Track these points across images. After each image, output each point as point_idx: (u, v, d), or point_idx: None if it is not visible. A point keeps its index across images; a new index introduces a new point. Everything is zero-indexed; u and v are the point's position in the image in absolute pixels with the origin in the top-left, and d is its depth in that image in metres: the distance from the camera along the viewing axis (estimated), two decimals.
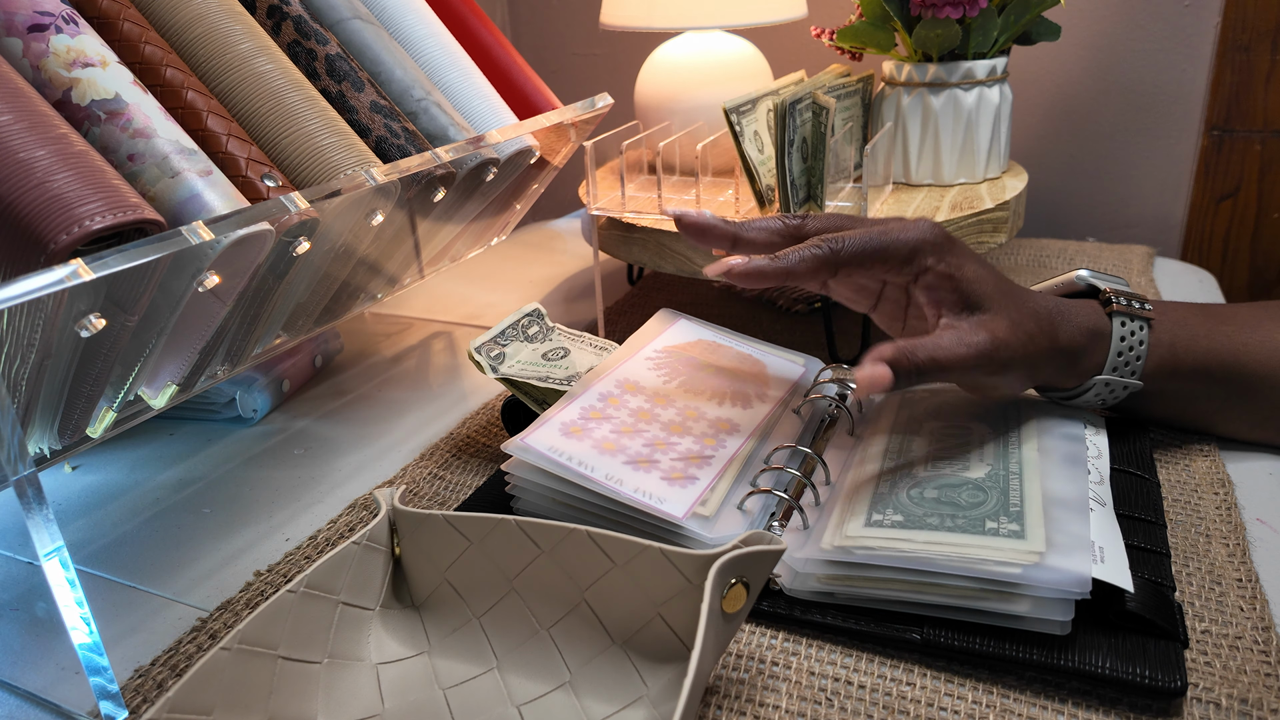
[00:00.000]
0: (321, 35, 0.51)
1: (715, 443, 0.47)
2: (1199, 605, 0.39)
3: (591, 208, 0.70)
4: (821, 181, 0.63)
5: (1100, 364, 0.47)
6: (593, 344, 0.59)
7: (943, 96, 0.71)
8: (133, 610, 0.45)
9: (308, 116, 0.47)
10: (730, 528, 0.42)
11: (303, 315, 0.56)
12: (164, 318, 0.40)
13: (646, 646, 0.36)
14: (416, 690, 0.37)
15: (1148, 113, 0.95)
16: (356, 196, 0.47)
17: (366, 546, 0.40)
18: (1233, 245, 0.95)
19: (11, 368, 0.35)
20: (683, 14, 0.78)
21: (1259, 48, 0.88)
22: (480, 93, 0.61)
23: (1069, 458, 0.44)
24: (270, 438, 0.61)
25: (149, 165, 0.39)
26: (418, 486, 0.54)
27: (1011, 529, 0.38)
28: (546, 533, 0.38)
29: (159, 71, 0.43)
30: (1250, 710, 0.34)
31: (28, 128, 0.35)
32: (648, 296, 0.83)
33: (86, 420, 0.42)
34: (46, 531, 0.35)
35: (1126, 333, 0.47)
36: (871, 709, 0.36)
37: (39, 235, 0.33)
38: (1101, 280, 0.49)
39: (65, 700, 0.39)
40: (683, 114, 0.81)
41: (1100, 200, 1.00)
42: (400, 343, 0.77)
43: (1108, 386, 0.48)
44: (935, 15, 0.67)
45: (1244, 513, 0.46)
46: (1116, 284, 0.49)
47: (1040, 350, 0.45)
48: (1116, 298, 0.48)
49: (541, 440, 0.45)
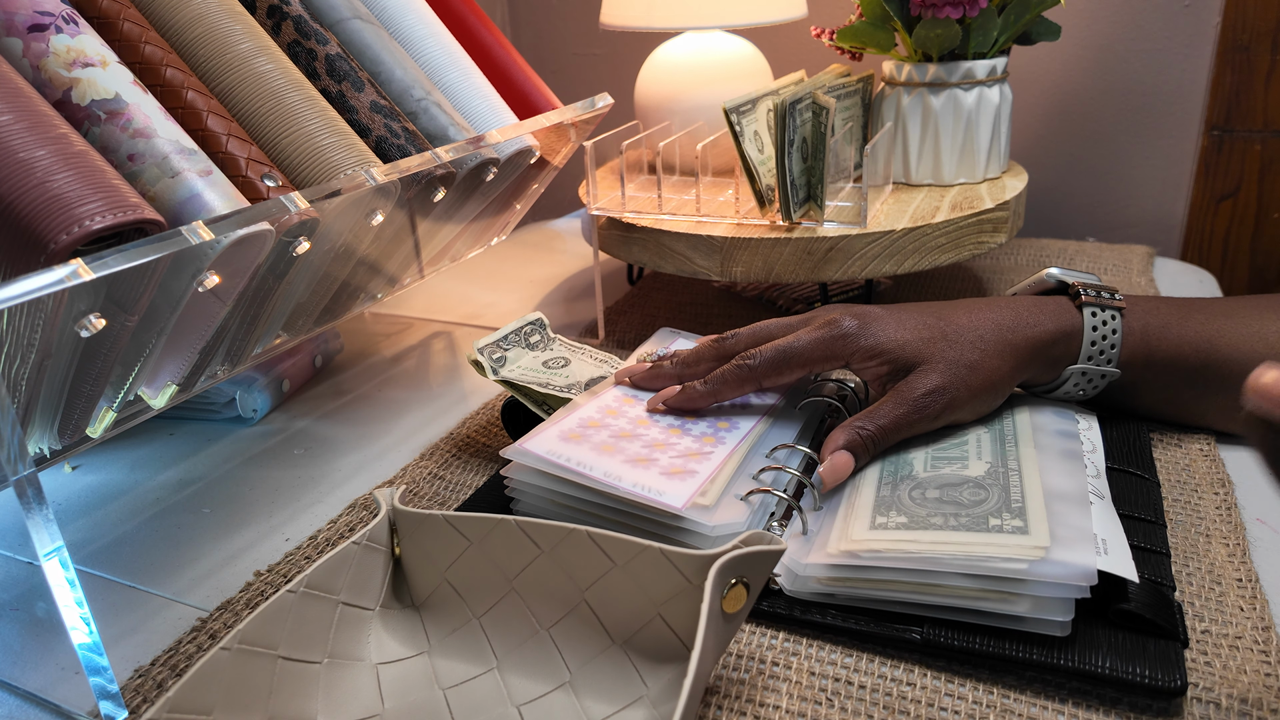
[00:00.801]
0: (321, 35, 0.51)
1: (714, 440, 0.47)
2: (1199, 605, 0.39)
3: (591, 208, 0.70)
4: (821, 181, 0.63)
5: (1075, 355, 0.49)
6: (593, 356, 0.59)
7: (943, 96, 0.71)
8: (133, 610, 0.45)
9: (308, 116, 0.47)
10: (730, 516, 0.42)
11: (303, 315, 0.56)
12: (164, 318, 0.40)
13: (646, 646, 0.36)
14: (416, 690, 0.37)
15: (1148, 113, 0.95)
16: (356, 196, 0.47)
17: (366, 546, 0.40)
18: (1233, 245, 0.95)
19: (11, 367, 0.35)
20: (683, 14, 0.78)
21: (1259, 47, 0.88)
22: (480, 93, 0.61)
23: (1066, 453, 0.44)
24: (270, 438, 0.61)
25: (149, 165, 0.39)
26: (418, 486, 0.54)
27: (1015, 525, 0.38)
28: (546, 533, 0.38)
29: (159, 71, 0.43)
30: (1250, 710, 0.34)
31: (28, 127, 0.35)
32: (648, 296, 0.83)
33: (86, 420, 0.42)
34: (46, 531, 0.35)
35: (1098, 322, 0.49)
36: (872, 709, 0.36)
37: (39, 235, 0.33)
38: (1070, 276, 0.51)
39: (65, 700, 0.39)
40: (683, 114, 0.81)
41: (1100, 200, 1.00)
42: (400, 343, 0.77)
43: (1085, 376, 0.49)
44: (935, 15, 0.67)
45: (1244, 513, 0.46)
46: (1086, 279, 0.51)
47: (992, 371, 0.47)
48: (1085, 290, 0.49)
49: (540, 445, 0.45)
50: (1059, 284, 0.52)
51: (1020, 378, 0.49)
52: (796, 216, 0.64)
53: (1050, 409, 0.49)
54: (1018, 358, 0.48)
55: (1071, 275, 0.51)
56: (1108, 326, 0.49)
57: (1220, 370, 0.49)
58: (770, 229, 0.65)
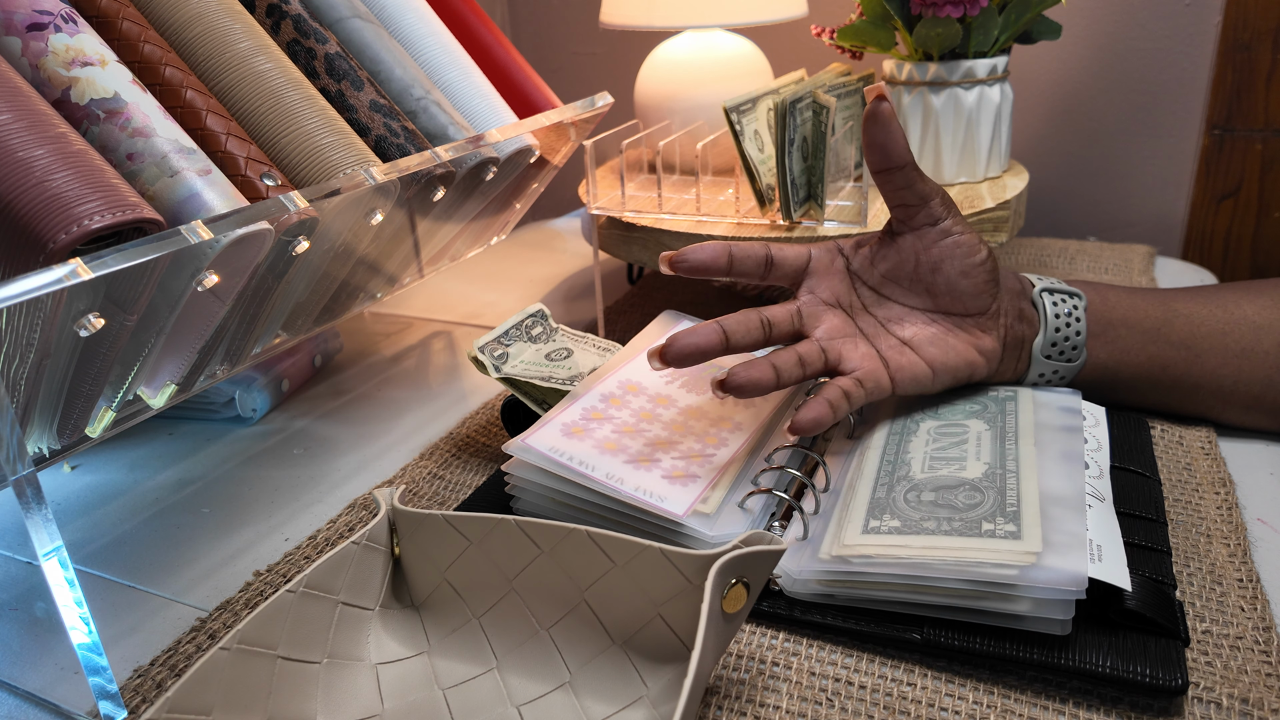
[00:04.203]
0: (321, 34, 0.51)
1: (717, 441, 0.47)
2: (1200, 605, 0.39)
3: (591, 207, 0.70)
4: (822, 180, 0.63)
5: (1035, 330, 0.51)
6: (596, 345, 0.59)
7: (943, 95, 0.71)
8: (132, 610, 0.45)
9: (307, 115, 0.47)
10: (731, 526, 0.42)
11: (302, 314, 0.56)
12: (163, 317, 0.40)
13: (646, 647, 0.36)
14: (416, 690, 0.37)
15: (1148, 111, 0.95)
16: (356, 196, 0.47)
17: (366, 546, 0.39)
18: (1233, 244, 0.95)
19: (10, 367, 0.35)
20: (683, 13, 0.78)
21: (1260, 46, 0.88)
22: (480, 92, 0.61)
23: (1066, 453, 0.44)
24: (269, 437, 0.61)
25: (148, 164, 0.39)
26: (417, 486, 0.53)
27: (1008, 530, 0.38)
28: (546, 533, 0.38)
29: (158, 70, 0.43)
30: (1251, 710, 0.34)
31: (26, 127, 0.34)
32: (648, 296, 0.83)
33: (85, 420, 0.42)
34: (45, 531, 0.35)
35: (1056, 301, 0.51)
36: (872, 709, 0.36)
37: (38, 234, 0.33)
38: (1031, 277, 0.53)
39: (64, 700, 0.39)
40: (683, 113, 0.80)
41: (1101, 199, 1.00)
42: (400, 342, 0.77)
43: (1052, 303, 0.51)
44: (936, 14, 0.67)
45: (1245, 513, 0.46)
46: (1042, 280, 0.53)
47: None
48: (1040, 280, 0.52)
49: (542, 440, 0.45)
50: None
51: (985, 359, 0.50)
52: (797, 216, 0.64)
53: (1056, 402, 0.49)
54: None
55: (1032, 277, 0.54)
56: (1065, 306, 0.51)
57: (1181, 346, 0.51)
58: (770, 228, 0.65)
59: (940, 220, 0.48)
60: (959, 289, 0.48)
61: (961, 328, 0.49)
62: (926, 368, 0.48)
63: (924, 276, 0.49)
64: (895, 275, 0.49)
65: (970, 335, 0.49)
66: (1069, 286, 0.52)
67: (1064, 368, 0.51)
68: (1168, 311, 0.52)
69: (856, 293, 0.50)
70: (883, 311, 0.50)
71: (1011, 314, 0.50)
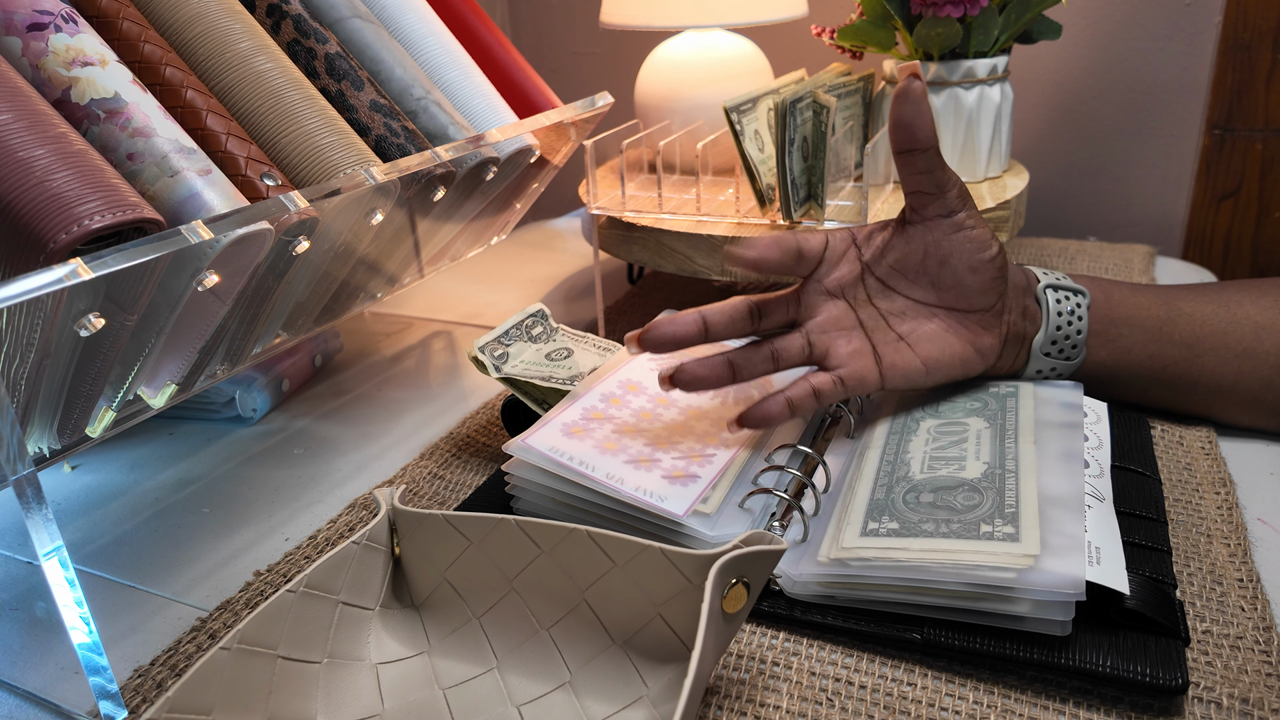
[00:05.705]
0: (321, 34, 0.51)
1: (718, 441, 0.47)
2: (1200, 605, 0.39)
3: (591, 207, 0.70)
4: (822, 180, 0.63)
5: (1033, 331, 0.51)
6: (596, 344, 0.59)
7: (944, 95, 0.71)
8: (132, 610, 0.45)
9: (307, 115, 0.47)
10: (731, 526, 0.42)
11: (302, 314, 0.56)
12: (163, 317, 0.40)
13: (647, 646, 0.36)
14: (416, 690, 0.37)
15: (1149, 111, 0.95)
16: (356, 195, 0.47)
17: (366, 546, 0.39)
18: (1234, 244, 0.95)
19: (10, 367, 0.35)
20: (683, 12, 0.78)
21: (1260, 46, 0.88)
22: (480, 91, 0.61)
23: (1066, 452, 0.44)
24: (270, 437, 0.61)
25: (148, 164, 0.39)
26: (418, 486, 0.53)
27: (1006, 532, 0.38)
28: (546, 533, 0.38)
29: (158, 70, 0.43)
30: (1251, 710, 0.34)
31: (27, 127, 0.34)
32: (648, 296, 0.83)
33: (86, 420, 0.42)
34: (46, 531, 0.35)
35: (1060, 298, 0.51)
36: (872, 709, 0.36)
37: (38, 234, 0.33)
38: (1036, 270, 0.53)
39: (65, 700, 0.39)
40: (683, 113, 0.80)
41: (1101, 199, 1.00)
42: (400, 342, 0.77)
43: (1058, 319, 0.51)
44: (936, 14, 0.67)
45: (1245, 513, 0.46)
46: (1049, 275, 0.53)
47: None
48: (1045, 275, 0.52)
49: (543, 440, 0.45)
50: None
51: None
52: (797, 216, 0.64)
53: (1058, 397, 0.49)
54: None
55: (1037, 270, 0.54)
56: (1068, 303, 0.51)
57: (1181, 338, 0.51)
58: (771, 228, 0.65)
59: (955, 212, 0.48)
60: (965, 285, 0.48)
61: (964, 324, 0.49)
62: (920, 365, 0.48)
63: (931, 270, 0.49)
64: (902, 267, 0.49)
65: (970, 333, 0.49)
66: (1074, 284, 0.52)
67: (1062, 365, 0.51)
68: (1171, 310, 0.52)
69: (863, 283, 0.50)
70: (885, 304, 0.50)
71: (1015, 310, 0.50)
